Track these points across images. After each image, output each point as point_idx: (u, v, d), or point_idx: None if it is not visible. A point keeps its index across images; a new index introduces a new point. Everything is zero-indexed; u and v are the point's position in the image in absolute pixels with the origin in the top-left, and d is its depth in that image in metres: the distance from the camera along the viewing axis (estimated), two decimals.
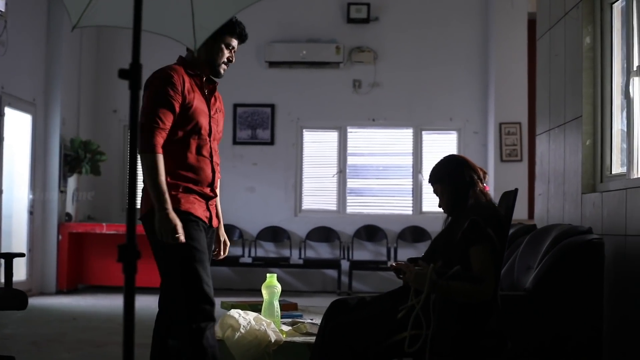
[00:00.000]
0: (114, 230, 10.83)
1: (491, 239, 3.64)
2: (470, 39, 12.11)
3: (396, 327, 3.62)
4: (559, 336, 4.39)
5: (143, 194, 3.88)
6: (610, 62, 5.57)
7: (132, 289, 2.13)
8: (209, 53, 4.01)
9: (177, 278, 3.78)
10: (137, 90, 2.11)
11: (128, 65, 2.22)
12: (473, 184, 3.86)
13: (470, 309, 3.61)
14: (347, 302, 3.91)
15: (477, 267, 3.60)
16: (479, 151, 11.97)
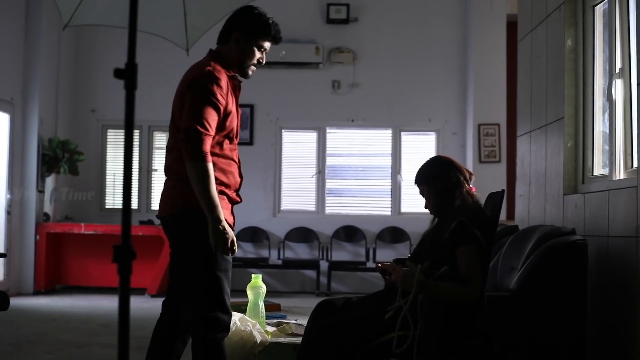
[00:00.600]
0: (92, 231, 10.77)
1: (478, 240, 3.66)
2: (450, 41, 12.15)
3: (383, 328, 3.62)
4: (544, 336, 4.41)
5: (168, 192, 3.79)
6: (592, 64, 5.61)
7: (127, 290, 2.11)
8: (240, 53, 3.87)
9: (200, 285, 3.68)
10: (132, 90, 2.09)
11: (113, 64, 2.22)
12: (459, 185, 3.88)
13: (457, 309, 3.62)
14: (334, 303, 3.91)
15: (464, 268, 3.62)
16: (457, 152, 12.00)
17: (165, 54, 11.98)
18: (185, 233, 3.71)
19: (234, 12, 3.92)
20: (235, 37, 3.86)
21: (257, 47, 3.90)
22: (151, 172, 12.25)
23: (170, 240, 3.84)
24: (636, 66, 4.58)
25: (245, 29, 3.86)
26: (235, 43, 3.87)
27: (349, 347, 3.60)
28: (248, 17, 3.89)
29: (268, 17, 3.91)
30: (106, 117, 12.20)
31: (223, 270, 3.67)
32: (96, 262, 11.05)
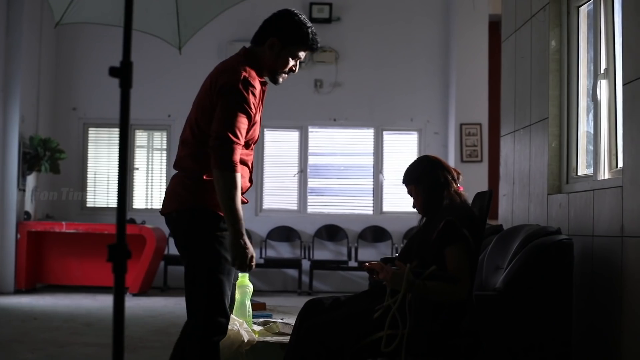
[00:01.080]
0: (74, 229, 10.73)
1: (466, 239, 3.67)
2: (432, 41, 12.19)
3: (372, 327, 3.63)
4: (529, 336, 4.42)
5: (175, 188, 3.71)
6: (577, 64, 5.64)
7: (122, 289, 2.10)
8: (274, 59, 3.75)
9: (201, 287, 3.62)
10: (127, 88, 2.08)
11: (94, 62, 2.20)
12: (447, 185, 3.89)
13: (445, 309, 3.63)
14: (322, 302, 3.92)
15: (453, 267, 3.63)
16: (439, 152, 12.02)
17: (147, 52, 11.96)
18: (191, 233, 3.65)
19: (273, 14, 3.80)
20: (271, 43, 3.72)
21: (291, 55, 3.77)
22: (132, 171, 12.20)
23: (175, 238, 3.77)
24: (622, 67, 4.60)
25: (282, 36, 3.72)
26: (269, 48, 3.73)
27: (338, 346, 3.60)
28: (287, 23, 3.75)
29: (308, 25, 3.76)
30: (87, 115, 12.15)
31: (225, 273, 3.61)
32: (77, 261, 11.01)
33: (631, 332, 4.33)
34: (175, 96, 12.02)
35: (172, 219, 3.70)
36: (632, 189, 4.35)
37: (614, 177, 4.92)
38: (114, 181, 12.23)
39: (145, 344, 6.56)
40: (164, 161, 12.28)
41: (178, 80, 11.95)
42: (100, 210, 12.09)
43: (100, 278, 10.92)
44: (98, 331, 7.28)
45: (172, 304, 9.69)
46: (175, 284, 11.57)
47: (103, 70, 12.05)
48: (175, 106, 12.03)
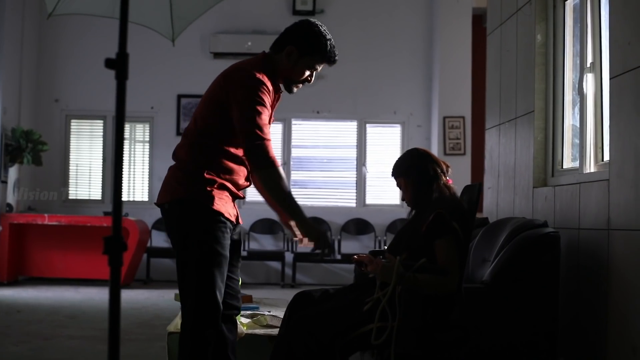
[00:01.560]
0: (56, 222, 10.67)
1: (456, 232, 3.68)
2: (415, 33, 12.19)
3: (362, 319, 3.63)
4: (516, 328, 4.45)
5: (170, 180, 3.70)
6: (562, 58, 5.66)
7: (118, 282, 2.10)
8: (290, 68, 3.73)
9: (192, 279, 3.59)
10: (123, 79, 2.07)
11: (77, 54, 2.20)
12: (437, 178, 3.89)
13: (434, 301, 3.64)
14: (311, 294, 3.91)
15: (442, 260, 3.64)
16: (422, 144, 12.02)
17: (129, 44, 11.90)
18: (181, 225, 3.65)
19: (294, 23, 3.80)
20: (288, 51, 3.71)
21: (308, 66, 3.76)
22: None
23: (167, 231, 3.75)
24: (608, 61, 4.62)
25: (300, 46, 3.71)
26: (287, 56, 3.72)
27: (327, 338, 3.59)
28: (306, 33, 3.74)
29: (328, 38, 3.76)
30: (70, 107, 12.08)
31: (216, 266, 3.59)
32: (60, 253, 10.97)
33: (617, 324, 4.36)
34: (159, 88, 11.98)
35: (165, 210, 3.69)
36: (619, 183, 4.38)
37: (599, 170, 4.95)
38: (95, 173, 12.18)
39: (130, 336, 6.53)
40: (147, 153, 12.23)
41: (161, 73, 11.91)
42: (83, 202, 12.04)
43: (82, 270, 10.87)
44: (82, 324, 7.26)
45: (155, 296, 9.66)
46: (158, 277, 11.54)
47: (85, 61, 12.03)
48: (159, 98, 11.99)
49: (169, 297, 9.43)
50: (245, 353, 3.95)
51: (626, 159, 4.29)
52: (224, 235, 3.62)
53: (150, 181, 12.12)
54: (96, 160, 12.20)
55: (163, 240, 11.90)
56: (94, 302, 9.00)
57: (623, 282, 4.31)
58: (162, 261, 11.59)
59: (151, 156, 12.11)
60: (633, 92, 4.22)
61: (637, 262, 4.14)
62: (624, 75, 4.34)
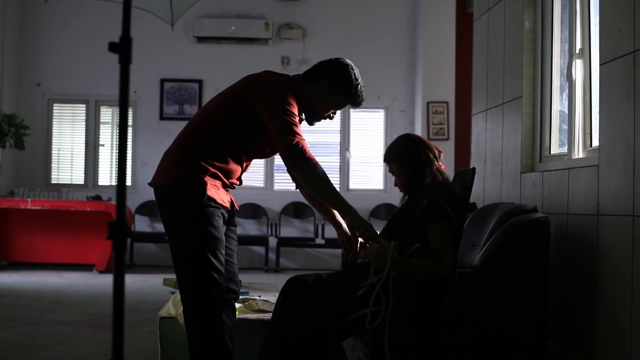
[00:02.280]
0: (39, 206, 10.60)
1: (449, 217, 3.69)
2: (399, 18, 12.18)
3: (356, 304, 3.64)
4: (506, 312, 4.48)
5: (165, 163, 3.73)
6: (551, 44, 5.68)
7: (122, 267, 2.09)
8: (317, 102, 3.86)
9: (188, 263, 3.62)
10: (127, 63, 2.06)
11: (59, 37, 2.17)
12: (430, 163, 3.90)
13: (428, 286, 3.65)
14: (304, 279, 3.92)
15: (436, 245, 3.65)
16: (406, 129, 12.05)
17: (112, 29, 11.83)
18: (175, 208, 3.66)
19: (330, 60, 3.90)
20: (320, 85, 3.83)
21: (335, 104, 3.92)
22: (97, 148, 12.09)
23: (161, 213, 3.76)
24: (598, 47, 4.63)
25: (332, 82, 3.84)
26: (318, 90, 3.84)
27: (321, 322, 3.61)
28: (340, 72, 3.87)
29: (359, 82, 3.91)
30: (52, 91, 11.99)
31: (211, 249, 3.61)
32: (43, 238, 10.92)
33: (606, 308, 4.39)
34: (142, 72, 11.90)
35: (158, 194, 3.70)
36: (609, 168, 4.41)
37: (588, 156, 4.98)
38: (77, 158, 12.11)
39: None
40: (130, 138, 12.16)
41: (144, 57, 11.83)
42: (65, 187, 11.97)
43: (66, 255, 10.84)
44: (68, 308, 7.23)
45: (139, 281, 9.63)
46: (141, 261, 11.51)
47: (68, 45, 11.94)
48: (141, 82, 11.92)
49: (153, 282, 9.43)
50: (238, 338, 3.94)
51: (616, 144, 4.31)
52: (216, 218, 3.63)
53: (133, 165, 12.06)
54: (78, 145, 12.13)
55: (146, 224, 11.88)
56: (78, 287, 8.97)
57: (612, 267, 4.34)
58: (145, 246, 11.57)
59: (134, 140, 12.05)
60: (624, 78, 4.24)
61: (627, 247, 4.17)
62: (614, 62, 4.36)
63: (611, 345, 4.31)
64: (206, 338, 3.61)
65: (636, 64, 4.12)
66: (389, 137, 12.20)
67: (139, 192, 11.90)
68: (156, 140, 11.81)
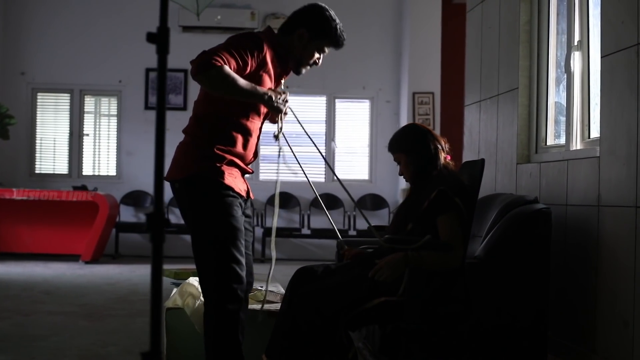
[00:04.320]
0: (25, 196, 10.52)
1: (459, 208, 3.71)
2: (385, 9, 12.20)
3: (366, 295, 3.65)
4: (508, 303, 4.51)
5: (180, 155, 3.71)
6: (547, 36, 5.71)
7: (160, 258, 2.08)
8: (301, 50, 3.84)
9: (210, 256, 3.60)
10: (164, 54, 2.06)
11: (43, 26, 2.13)
12: (437, 155, 3.92)
13: (438, 276, 3.67)
14: (313, 270, 3.92)
15: (446, 236, 3.67)
16: (391, 120, 12.10)
17: (99, 16, 11.76)
18: (194, 201, 3.64)
19: (304, 7, 3.89)
20: (300, 34, 3.82)
21: (318, 49, 3.89)
22: (82, 137, 12.02)
23: (180, 206, 3.74)
24: (600, 40, 4.66)
25: (310, 28, 3.83)
26: (298, 39, 3.83)
27: (332, 313, 3.61)
28: (317, 17, 3.86)
29: (337, 22, 3.89)
30: (36, 80, 11.91)
31: (232, 238, 3.60)
32: (28, 228, 10.85)
33: (607, 298, 4.43)
34: (127, 62, 11.86)
35: (175, 189, 3.69)
36: (610, 159, 4.45)
37: (586, 147, 5.02)
38: (60, 147, 12.03)
39: (110, 312, 6.50)
40: (113, 127, 12.10)
41: (130, 46, 11.77)
42: (49, 177, 11.90)
43: (51, 245, 10.78)
44: (59, 299, 7.19)
45: (127, 271, 9.61)
46: (127, 252, 11.48)
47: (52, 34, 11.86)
48: (127, 72, 11.87)
49: (141, 272, 9.42)
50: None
51: (618, 136, 4.35)
52: (235, 209, 3.63)
53: (118, 155, 12.02)
54: (61, 134, 12.05)
55: (131, 215, 11.84)
56: (66, 277, 8.92)
57: (613, 258, 4.39)
58: (130, 236, 11.54)
59: (119, 130, 12.00)
60: (627, 71, 4.27)
61: (629, 238, 4.21)
62: (616, 54, 4.39)
63: (612, 335, 4.36)
64: (222, 332, 3.60)
65: (639, 56, 4.15)
66: (374, 128, 12.23)
67: (123, 182, 11.87)
68: (141, 130, 11.78)
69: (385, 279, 3.61)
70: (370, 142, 12.31)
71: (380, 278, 3.62)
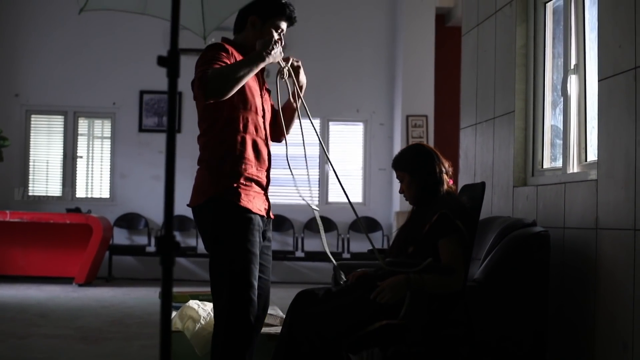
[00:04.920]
0: (18, 218, 10.49)
1: (460, 231, 3.72)
2: (379, 31, 12.26)
3: (368, 317, 3.65)
4: (508, 326, 4.51)
5: (199, 181, 3.74)
6: (543, 59, 5.75)
7: (170, 281, 2.08)
8: (259, 36, 3.86)
9: (224, 279, 3.61)
10: (175, 77, 2.07)
11: (37, 47, 2.13)
12: (442, 179, 3.93)
13: (439, 299, 3.68)
14: (314, 293, 3.92)
15: (447, 259, 3.68)
16: (385, 143, 12.14)
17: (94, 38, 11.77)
18: (211, 224, 3.65)
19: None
20: (251, 21, 3.88)
21: (273, 28, 3.91)
22: (75, 159, 12.01)
23: (200, 231, 3.76)
24: (597, 64, 4.69)
25: (259, 12, 3.88)
26: (252, 27, 3.88)
27: (334, 336, 3.61)
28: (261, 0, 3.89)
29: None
30: (30, 102, 11.91)
31: (247, 263, 3.59)
32: (21, 251, 10.81)
33: (606, 321, 4.44)
34: (121, 84, 11.88)
35: (195, 214, 3.71)
36: (608, 183, 4.46)
37: (583, 170, 5.04)
38: (54, 169, 12.02)
39: (106, 335, 6.48)
40: (107, 150, 12.09)
41: (124, 68, 11.80)
42: (43, 199, 11.88)
43: (44, 268, 10.74)
44: (54, 322, 7.16)
45: (120, 294, 9.58)
46: (120, 274, 11.45)
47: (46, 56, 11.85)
48: (121, 94, 11.89)
49: (135, 295, 9.39)
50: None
51: (616, 159, 4.37)
52: (253, 233, 3.63)
53: (112, 178, 12.01)
54: (54, 156, 12.05)
55: (124, 237, 11.81)
56: (60, 300, 8.89)
57: (612, 280, 4.39)
58: (123, 259, 11.52)
59: (113, 152, 12.00)
60: (624, 94, 4.30)
61: (628, 260, 4.22)
62: (614, 78, 4.41)
63: (611, 358, 4.36)
64: (229, 355, 3.59)
65: (637, 80, 4.18)
66: (368, 150, 12.26)
67: (117, 205, 11.85)
68: (135, 152, 11.78)
69: (387, 302, 3.61)
70: (364, 164, 12.34)
71: (382, 300, 3.62)
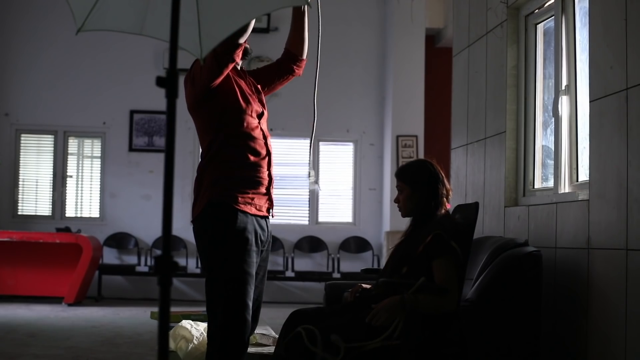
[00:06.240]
0: (7, 238, 10.46)
1: (455, 252, 3.73)
2: (369, 52, 12.31)
3: (363, 337, 3.65)
4: (501, 346, 4.52)
5: (196, 191, 3.77)
6: (534, 80, 5.79)
7: (168, 301, 2.08)
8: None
9: (220, 297, 3.63)
10: (173, 98, 2.08)
11: (27, 66, 2.15)
12: (442, 202, 3.95)
13: (434, 319, 3.68)
14: (307, 313, 3.92)
15: (441, 279, 3.69)
16: (375, 163, 12.17)
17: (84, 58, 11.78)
18: (210, 237, 3.66)
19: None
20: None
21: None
22: (65, 179, 11.99)
23: (197, 245, 3.80)
24: (588, 85, 4.73)
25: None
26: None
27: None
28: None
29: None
30: (20, 122, 11.89)
31: (243, 283, 3.61)
32: (11, 270, 10.75)
33: (598, 341, 4.45)
34: (111, 104, 11.88)
35: (193, 228, 3.73)
36: (600, 203, 4.49)
37: (575, 190, 5.06)
38: (43, 189, 11.99)
39: (97, 355, 6.44)
40: (97, 169, 12.08)
41: (114, 88, 11.81)
42: (32, 218, 11.85)
43: (34, 287, 10.69)
44: (43, 342, 7.13)
45: (110, 314, 9.54)
46: (110, 294, 11.41)
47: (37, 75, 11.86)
48: (111, 113, 11.89)
49: (125, 315, 9.35)
50: None
51: (607, 179, 4.40)
52: (250, 254, 3.63)
53: (101, 197, 11.98)
54: (44, 176, 12.02)
55: (114, 257, 11.78)
56: (49, 320, 8.85)
57: (604, 300, 4.41)
58: (113, 278, 11.49)
59: (103, 172, 11.98)
60: (615, 115, 4.33)
61: (620, 280, 4.24)
62: (605, 99, 4.45)
63: None
64: None
65: (629, 101, 4.21)
66: (358, 170, 12.28)
67: (107, 224, 11.83)
68: (125, 172, 11.77)
69: (383, 323, 3.61)
70: (354, 184, 12.35)
71: (377, 323, 3.62)
